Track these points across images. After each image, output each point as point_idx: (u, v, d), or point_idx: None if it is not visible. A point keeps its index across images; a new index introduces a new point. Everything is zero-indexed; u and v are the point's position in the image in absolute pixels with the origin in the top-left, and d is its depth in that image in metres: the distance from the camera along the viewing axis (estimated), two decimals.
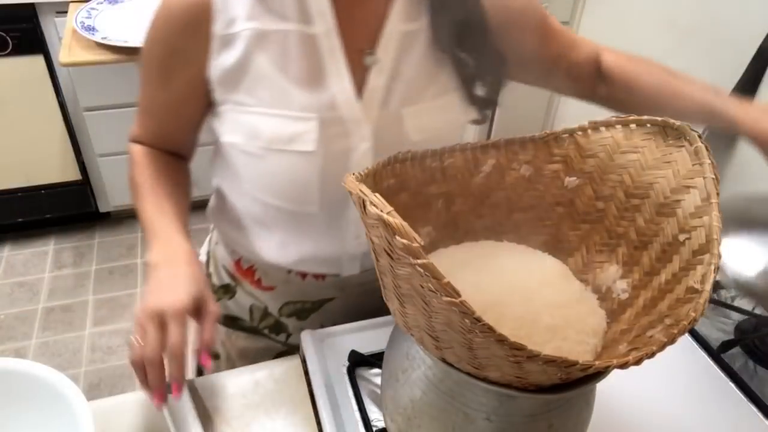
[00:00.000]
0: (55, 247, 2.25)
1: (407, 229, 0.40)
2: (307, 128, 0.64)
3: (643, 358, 0.42)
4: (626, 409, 0.71)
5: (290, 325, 0.87)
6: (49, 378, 0.59)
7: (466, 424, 0.51)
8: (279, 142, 0.65)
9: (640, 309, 0.54)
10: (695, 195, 0.52)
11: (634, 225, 0.58)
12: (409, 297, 0.46)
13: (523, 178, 0.63)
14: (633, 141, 0.58)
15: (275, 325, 0.88)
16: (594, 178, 0.61)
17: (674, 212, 0.53)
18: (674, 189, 0.54)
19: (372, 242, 0.48)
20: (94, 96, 1.95)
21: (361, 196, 0.44)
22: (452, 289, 0.39)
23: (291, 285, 0.82)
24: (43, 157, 2.06)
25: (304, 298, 0.84)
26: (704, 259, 0.48)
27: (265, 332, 0.89)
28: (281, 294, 0.84)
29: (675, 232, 0.53)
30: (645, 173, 0.57)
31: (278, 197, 0.70)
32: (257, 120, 0.65)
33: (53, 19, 1.82)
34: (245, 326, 0.89)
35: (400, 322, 0.52)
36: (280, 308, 0.85)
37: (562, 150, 0.62)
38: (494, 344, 0.41)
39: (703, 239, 0.49)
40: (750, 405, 0.73)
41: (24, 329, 1.94)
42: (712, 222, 0.49)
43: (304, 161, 0.66)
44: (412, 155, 0.59)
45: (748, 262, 0.73)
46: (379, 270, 0.50)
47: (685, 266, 0.50)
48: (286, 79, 0.64)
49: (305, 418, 0.70)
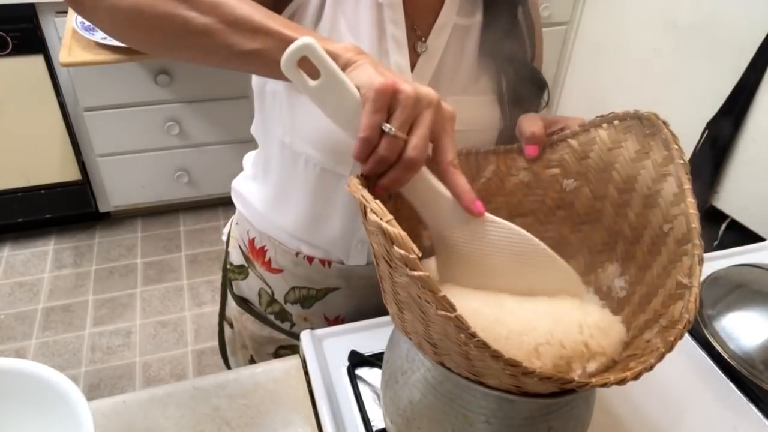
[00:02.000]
0: (55, 247, 2.25)
1: (405, 240, 0.39)
2: None
3: (642, 372, 0.42)
4: (626, 410, 0.71)
5: (294, 313, 0.89)
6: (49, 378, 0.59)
7: (466, 426, 0.51)
8: None
9: (636, 306, 0.54)
10: (671, 182, 0.53)
11: (627, 220, 0.58)
12: (407, 304, 0.46)
13: (523, 183, 0.64)
14: (617, 137, 0.59)
15: (280, 313, 0.90)
16: (589, 178, 0.61)
17: (657, 202, 0.54)
18: (654, 179, 0.55)
19: (373, 247, 0.48)
20: (94, 96, 1.95)
21: (363, 201, 0.44)
22: (448, 304, 0.39)
23: (298, 268, 0.84)
24: (43, 157, 2.06)
25: (309, 284, 0.85)
26: (688, 250, 0.49)
27: (270, 318, 0.91)
28: (288, 278, 0.85)
29: (660, 223, 0.54)
30: (630, 166, 0.58)
31: (318, 149, 0.70)
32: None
33: (53, 19, 1.82)
34: (254, 310, 0.92)
35: (399, 326, 0.52)
36: (285, 294, 0.87)
37: (558, 155, 0.63)
38: (489, 359, 0.41)
39: (684, 228, 0.50)
40: (750, 405, 0.73)
41: (24, 329, 1.94)
42: (688, 209, 0.49)
43: None
44: None
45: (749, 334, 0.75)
46: (379, 274, 0.51)
47: (673, 258, 0.51)
48: (356, 40, 0.66)
49: (305, 418, 0.70)
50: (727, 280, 0.83)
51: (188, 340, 1.96)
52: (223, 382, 0.73)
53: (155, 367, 1.87)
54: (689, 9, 1.63)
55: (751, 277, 0.84)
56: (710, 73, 1.57)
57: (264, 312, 0.92)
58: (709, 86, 1.54)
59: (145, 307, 2.05)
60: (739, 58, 1.46)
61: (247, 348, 0.97)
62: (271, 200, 0.82)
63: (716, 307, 0.80)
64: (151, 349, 1.92)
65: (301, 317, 0.89)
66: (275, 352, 0.94)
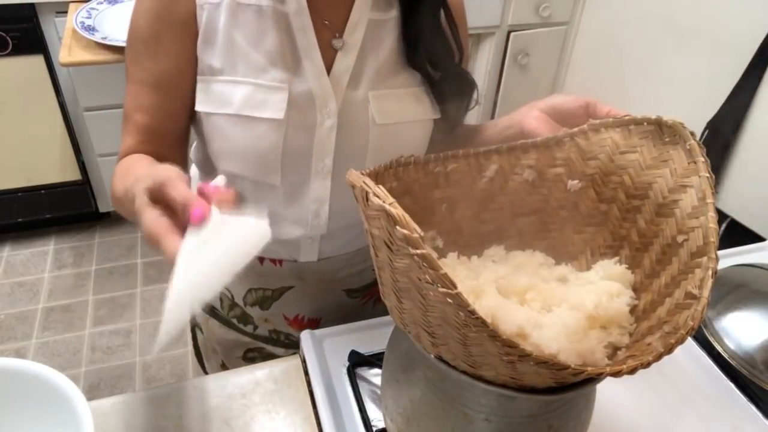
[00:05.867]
0: (55, 247, 2.25)
1: (408, 220, 0.40)
2: (278, 98, 0.67)
3: (638, 368, 0.42)
4: (627, 410, 0.71)
5: (254, 316, 0.89)
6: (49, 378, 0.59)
7: (466, 424, 0.51)
8: (249, 108, 0.67)
9: (640, 313, 0.54)
10: (692, 195, 0.52)
11: (636, 226, 0.57)
12: (407, 291, 0.46)
13: (527, 182, 0.63)
14: (631, 141, 0.58)
15: (242, 316, 0.90)
16: (596, 180, 0.61)
17: (672, 212, 0.53)
18: (672, 189, 0.54)
19: (371, 236, 0.48)
20: (94, 96, 1.95)
21: (364, 188, 0.45)
22: (449, 281, 0.40)
23: (251, 270, 0.83)
24: (43, 157, 2.06)
25: (264, 285, 0.85)
26: (702, 263, 0.48)
27: (234, 322, 0.91)
28: (243, 280, 0.86)
29: (674, 233, 0.53)
30: (644, 173, 0.57)
31: (243, 166, 0.71)
32: (230, 88, 0.67)
33: (53, 19, 1.82)
34: (219, 316, 0.92)
35: (397, 319, 0.52)
36: (244, 296, 0.87)
37: (564, 153, 0.62)
38: (487, 340, 0.41)
39: (700, 241, 0.49)
40: (750, 405, 0.73)
41: (24, 329, 1.94)
42: (708, 223, 0.48)
43: (271, 129, 0.68)
44: (414, 159, 0.59)
45: (749, 333, 0.75)
46: (378, 266, 0.51)
47: (684, 269, 0.50)
48: (260, 53, 0.67)
49: (305, 418, 0.70)
50: (727, 280, 0.83)
51: (188, 340, 1.95)
52: (223, 382, 0.73)
53: (155, 367, 1.87)
54: (689, 9, 1.63)
55: (751, 277, 0.84)
56: (710, 73, 1.57)
57: (227, 316, 0.91)
58: (709, 86, 1.54)
59: (145, 307, 2.05)
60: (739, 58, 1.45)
61: (218, 352, 0.97)
62: None
63: (716, 307, 0.80)
64: (151, 348, 1.92)
65: (261, 319, 0.89)
66: (243, 355, 0.94)
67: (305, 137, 0.69)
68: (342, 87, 0.69)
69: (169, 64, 0.68)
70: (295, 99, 0.68)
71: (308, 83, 0.68)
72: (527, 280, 0.57)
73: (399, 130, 0.72)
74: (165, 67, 0.68)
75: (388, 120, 0.71)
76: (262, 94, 0.67)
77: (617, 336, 0.52)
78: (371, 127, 0.70)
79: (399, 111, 0.72)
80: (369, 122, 0.70)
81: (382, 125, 0.71)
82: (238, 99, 0.67)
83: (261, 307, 0.87)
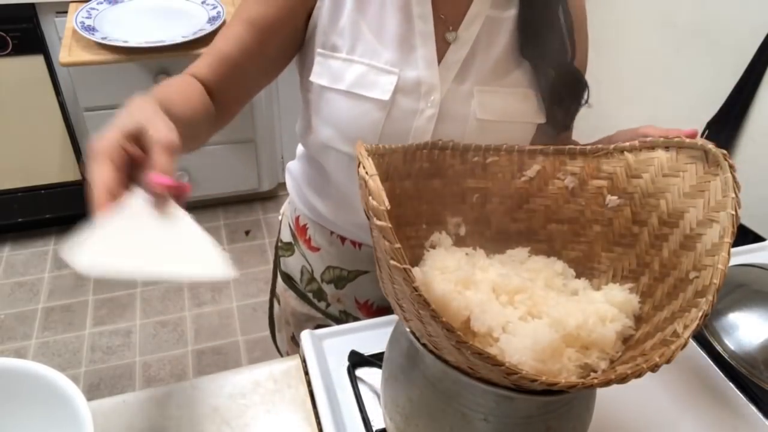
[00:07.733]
0: (55, 247, 2.25)
1: (381, 194, 0.42)
2: (387, 80, 0.70)
3: (627, 378, 0.42)
4: (626, 411, 0.71)
5: (329, 293, 0.92)
6: (49, 378, 0.59)
7: (464, 424, 0.51)
8: (359, 87, 0.70)
9: (632, 342, 0.53)
10: (716, 231, 0.50)
11: (660, 255, 0.56)
12: (379, 261, 0.48)
13: (566, 189, 0.62)
14: (677, 164, 0.56)
15: (318, 291, 0.94)
16: (635, 199, 0.59)
17: (695, 246, 0.52)
18: (700, 222, 0.52)
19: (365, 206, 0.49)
20: (94, 96, 1.94)
21: (359, 158, 0.47)
22: (400, 255, 0.40)
23: (332, 248, 0.87)
24: (43, 157, 2.06)
25: (342, 264, 0.88)
26: (699, 303, 0.47)
27: (309, 296, 0.96)
28: (324, 257, 0.89)
29: (689, 269, 0.51)
30: (680, 200, 0.55)
31: (342, 139, 0.73)
32: (345, 66, 0.70)
33: (53, 19, 1.82)
34: (296, 288, 0.97)
35: (382, 287, 0.53)
36: (322, 273, 0.91)
37: (611, 167, 0.60)
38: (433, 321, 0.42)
39: (707, 281, 0.48)
40: (750, 405, 0.73)
41: (24, 329, 1.94)
42: (717, 264, 0.47)
43: (376, 109, 0.70)
44: (453, 145, 0.60)
45: (749, 333, 0.74)
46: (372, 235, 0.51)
47: (684, 306, 0.49)
48: (379, 36, 0.70)
49: (305, 418, 0.70)
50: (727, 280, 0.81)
51: (188, 340, 1.95)
52: (223, 382, 0.73)
53: (155, 367, 1.87)
54: (689, 9, 1.63)
55: (751, 277, 0.84)
56: (710, 73, 1.57)
57: (304, 290, 0.96)
58: (709, 86, 1.54)
59: (145, 307, 2.05)
60: (739, 58, 1.45)
61: (290, 324, 1.01)
62: (310, 182, 0.86)
63: (716, 307, 0.80)
64: (151, 349, 1.92)
65: (334, 297, 0.92)
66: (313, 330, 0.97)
67: (405, 122, 0.71)
68: (449, 79, 0.71)
69: (272, 10, 0.70)
70: (403, 84, 0.70)
71: (418, 71, 0.70)
72: (519, 281, 0.56)
73: (499, 128, 0.72)
74: (268, 12, 0.70)
75: (489, 116, 0.72)
76: (373, 75, 0.70)
77: (595, 359, 0.52)
78: (470, 120, 0.71)
79: (502, 109, 0.72)
80: (469, 116, 0.71)
81: (481, 120, 0.71)
82: (351, 77, 0.70)
83: (336, 285, 0.91)
